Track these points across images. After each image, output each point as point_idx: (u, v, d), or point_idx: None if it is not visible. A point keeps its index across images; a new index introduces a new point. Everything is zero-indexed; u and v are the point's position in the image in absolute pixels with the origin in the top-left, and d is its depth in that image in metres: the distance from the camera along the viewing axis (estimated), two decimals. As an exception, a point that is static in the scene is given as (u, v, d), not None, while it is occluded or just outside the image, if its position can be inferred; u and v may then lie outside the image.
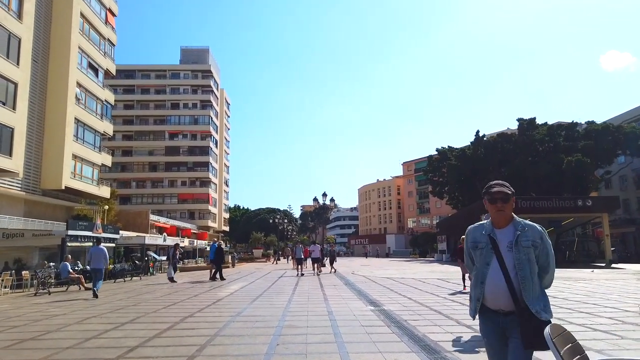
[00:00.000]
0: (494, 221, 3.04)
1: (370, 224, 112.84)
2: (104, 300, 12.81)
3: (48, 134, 33.91)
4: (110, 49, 43.12)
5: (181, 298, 13.10)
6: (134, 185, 78.28)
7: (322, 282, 18.50)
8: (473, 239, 3.11)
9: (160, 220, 60.96)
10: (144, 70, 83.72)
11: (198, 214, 78.83)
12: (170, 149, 79.49)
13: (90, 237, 26.46)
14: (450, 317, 9.00)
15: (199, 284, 19.26)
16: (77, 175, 36.14)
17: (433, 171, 60.04)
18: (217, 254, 21.51)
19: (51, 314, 10.13)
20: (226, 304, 11.69)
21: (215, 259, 21.57)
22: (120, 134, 78.88)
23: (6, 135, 28.04)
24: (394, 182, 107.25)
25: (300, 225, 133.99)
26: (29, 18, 30.43)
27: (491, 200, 3.03)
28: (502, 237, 2.95)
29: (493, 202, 3.01)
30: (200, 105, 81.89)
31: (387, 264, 40.99)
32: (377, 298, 12.47)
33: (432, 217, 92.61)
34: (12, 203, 31.57)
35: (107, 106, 42.35)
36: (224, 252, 22.19)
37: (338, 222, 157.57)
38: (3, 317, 9.75)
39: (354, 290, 15.11)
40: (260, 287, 16.41)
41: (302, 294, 13.93)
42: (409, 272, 25.37)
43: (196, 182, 79.05)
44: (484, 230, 3.06)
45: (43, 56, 33.74)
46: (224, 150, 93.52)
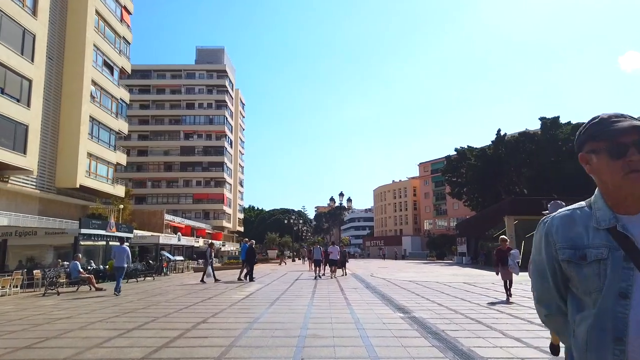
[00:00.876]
0: (619, 199, 1.43)
1: (385, 226, 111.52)
2: (113, 302, 12.10)
3: (63, 132, 33.63)
4: (125, 47, 42.83)
5: (194, 300, 12.32)
6: (149, 185, 78.30)
7: (342, 285, 17.60)
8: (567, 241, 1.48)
9: (175, 220, 60.69)
10: (159, 70, 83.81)
11: (213, 214, 78.51)
12: (185, 148, 79.35)
13: (104, 236, 25.98)
14: (493, 327, 8.04)
15: (214, 284, 18.51)
16: (92, 174, 35.81)
17: (451, 171, 58.70)
18: (249, 254, 20.95)
19: (54, 317, 9.42)
20: (242, 307, 10.87)
21: (247, 259, 20.96)
22: (136, 134, 79.03)
23: (20, 133, 27.72)
24: (410, 183, 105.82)
25: (315, 227, 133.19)
26: (43, 14, 30.13)
27: (616, 150, 1.40)
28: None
29: (620, 154, 1.39)
30: (215, 105, 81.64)
31: (405, 266, 39.89)
32: (404, 303, 11.53)
33: (449, 219, 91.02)
34: (27, 201, 31.30)
35: (122, 105, 42.03)
36: (255, 251, 21.41)
37: (352, 224, 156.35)
38: (2, 321, 9.06)
39: (376, 294, 14.18)
40: (277, 290, 15.58)
41: (322, 298, 13.05)
42: (430, 275, 24.33)
43: (211, 182, 78.77)
44: (594, 222, 1.45)
45: (58, 54, 33.48)
46: (239, 151, 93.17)
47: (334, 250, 23.23)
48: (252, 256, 21.07)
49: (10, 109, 26.62)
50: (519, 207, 35.74)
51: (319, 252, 24.00)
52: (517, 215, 34.81)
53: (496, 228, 39.30)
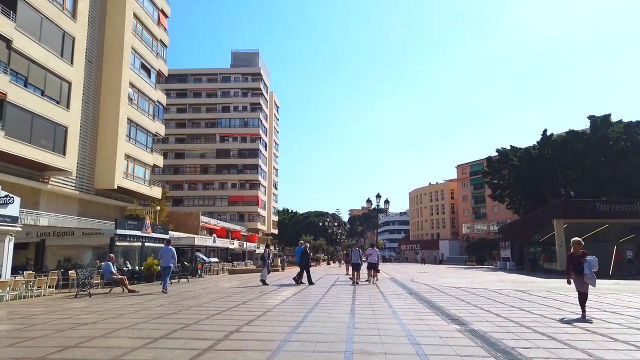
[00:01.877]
0: None
1: (421, 229, 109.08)
2: (143, 306, 11.49)
3: (102, 134, 33.96)
4: (162, 50, 43.15)
5: (228, 305, 11.56)
6: (186, 187, 79.25)
7: (383, 291, 16.51)
8: None
9: (211, 221, 60.91)
10: (196, 74, 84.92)
11: (247, 216, 78.67)
12: (220, 151, 79.95)
13: (139, 237, 25.82)
14: (572, 345, 6.84)
15: (248, 288, 17.78)
16: (129, 175, 36.05)
17: (492, 173, 56.36)
18: (304, 257, 20.23)
19: (79, 322, 8.82)
20: (278, 314, 10.00)
21: (302, 262, 20.25)
22: (174, 137, 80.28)
23: (60, 134, 27.99)
24: (447, 185, 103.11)
25: (349, 230, 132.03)
26: (82, 17, 30.45)
27: None
28: None
29: None
30: (250, 108, 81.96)
31: (445, 271, 38.28)
32: (457, 313, 10.38)
33: (489, 223, 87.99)
34: (67, 202, 31.68)
35: (159, 107, 42.29)
36: (309, 254, 20.60)
37: (387, 227, 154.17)
38: (25, 325, 8.54)
39: (423, 301, 13.05)
40: (314, 295, 14.68)
41: (364, 304, 12.04)
42: (475, 281, 22.86)
43: (246, 184, 78.99)
44: None
45: (97, 56, 33.86)
46: (273, 153, 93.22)
47: (373, 253, 21.38)
48: (307, 259, 20.42)
49: (50, 111, 26.91)
50: (570, 210, 33.58)
51: (357, 255, 21.58)
52: (568, 218, 32.69)
53: (543, 232, 37.17)
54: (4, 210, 16.23)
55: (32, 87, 25.69)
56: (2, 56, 23.37)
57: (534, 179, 48.60)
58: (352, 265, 21.53)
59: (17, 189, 27.03)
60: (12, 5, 23.92)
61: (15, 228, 16.76)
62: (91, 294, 14.48)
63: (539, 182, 48.72)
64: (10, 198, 16.43)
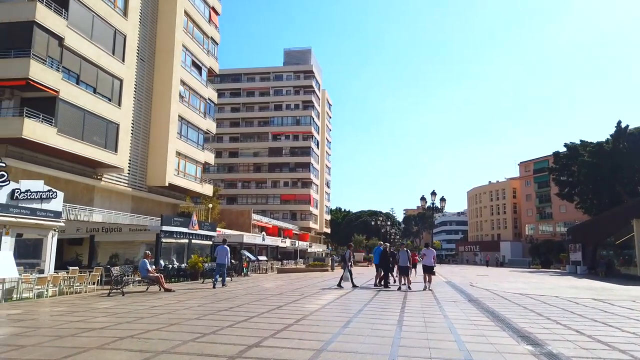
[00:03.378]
0: None
1: (481, 230, 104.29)
2: (168, 309, 10.61)
3: (154, 132, 34.19)
4: (213, 48, 43.18)
5: (260, 310, 10.44)
6: (239, 185, 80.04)
7: (438, 297, 14.82)
8: None
9: (263, 220, 60.85)
10: (249, 74, 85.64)
11: (300, 214, 78.27)
12: (273, 150, 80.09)
13: (186, 233, 25.44)
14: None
15: (290, 289, 16.65)
16: (180, 173, 36.16)
17: (559, 170, 52.33)
18: (383, 258, 18.78)
19: (88, 327, 7.99)
20: (312, 324, 8.71)
21: (381, 263, 18.77)
22: (227, 136, 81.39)
23: (112, 132, 28.25)
24: (508, 184, 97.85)
25: (404, 230, 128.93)
26: (134, 15, 30.70)
27: None
28: None
29: None
30: (302, 106, 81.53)
31: (507, 274, 35.50)
32: (527, 328, 8.65)
33: (555, 223, 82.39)
34: (120, 199, 32.12)
35: (210, 104, 42.30)
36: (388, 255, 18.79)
37: (444, 227, 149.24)
38: (32, 328, 7.80)
39: (484, 311, 11.32)
40: (358, 300, 13.28)
41: (415, 313, 10.51)
42: (544, 287, 20.49)
43: (298, 183, 78.62)
44: None
45: (149, 55, 34.12)
46: (326, 152, 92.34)
47: (428, 254, 18.49)
48: (386, 260, 18.72)
49: (102, 108, 27.18)
50: (653, 209, 29.98)
51: (405, 257, 18.43)
52: (651, 218, 29.17)
53: (619, 233, 33.57)
54: (47, 205, 16.04)
55: (84, 85, 25.98)
56: (54, 54, 23.68)
57: (607, 176, 44.41)
58: (400, 268, 18.65)
59: (72, 186, 27.62)
60: (64, 3, 24.22)
61: (58, 223, 16.56)
62: (124, 293, 13.88)
63: (613, 179, 44.46)
64: (53, 193, 16.23)
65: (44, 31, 22.79)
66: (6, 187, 14.41)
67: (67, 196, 27.07)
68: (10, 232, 14.60)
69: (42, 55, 22.71)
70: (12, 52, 22.04)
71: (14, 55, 21.98)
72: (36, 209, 15.52)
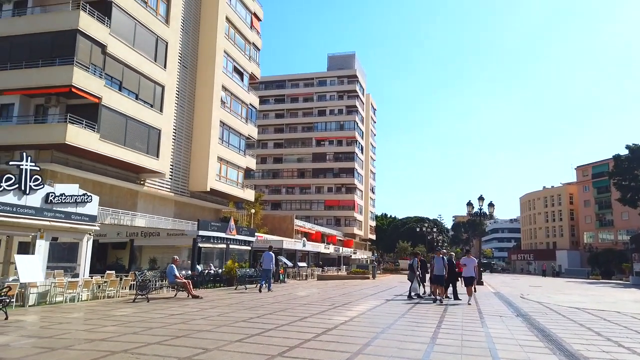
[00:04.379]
0: None
1: (534, 237, 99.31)
2: (184, 318, 10.10)
3: (196, 137, 34.50)
4: (255, 53, 43.33)
5: (280, 322, 9.70)
6: (283, 191, 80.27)
7: (483, 310, 13.56)
8: None
9: (306, 225, 60.43)
10: (293, 80, 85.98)
11: (344, 220, 77.38)
12: (317, 155, 79.81)
13: (224, 238, 25.27)
14: None
15: (322, 298, 15.85)
16: (222, 178, 36.28)
17: (621, 174, 48.73)
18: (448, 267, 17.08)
19: (96, 337, 7.59)
20: (332, 339, 7.88)
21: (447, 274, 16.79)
22: (272, 142, 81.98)
23: (153, 137, 28.61)
24: (564, 189, 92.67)
25: (452, 237, 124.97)
26: (175, 22, 31.11)
27: None
28: None
29: None
30: (346, 111, 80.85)
31: (563, 285, 33.05)
32: (582, 351, 7.44)
33: (617, 231, 76.98)
34: (163, 204, 32.54)
35: (251, 110, 42.41)
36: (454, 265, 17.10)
37: (495, 235, 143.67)
38: (30, 336, 7.42)
39: (533, 328, 10.07)
40: (392, 312, 12.29)
41: (452, 330, 9.44)
42: (604, 301, 18.59)
43: (342, 188, 77.82)
44: None
45: (192, 61, 34.53)
46: (370, 157, 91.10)
47: (469, 264, 16.14)
48: (453, 271, 16.95)
49: (144, 114, 27.58)
50: None
51: (441, 264, 16.22)
52: None
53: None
54: (82, 208, 16.10)
55: (127, 91, 26.43)
56: (97, 61, 24.18)
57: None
58: (435, 278, 16.42)
59: (116, 191, 28.18)
60: (107, 11, 24.73)
61: (93, 227, 16.60)
62: (149, 299, 13.57)
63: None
64: (88, 197, 16.29)
65: (87, 39, 23.31)
66: (41, 191, 14.52)
67: (111, 201, 27.75)
68: (45, 235, 14.70)
69: (85, 62, 23.22)
70: (57, 60, 22.68)
71: (58, 63, 22.60)
72: (71, 213, 15.59)
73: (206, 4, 35.95)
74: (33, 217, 14.08)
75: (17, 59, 23.16)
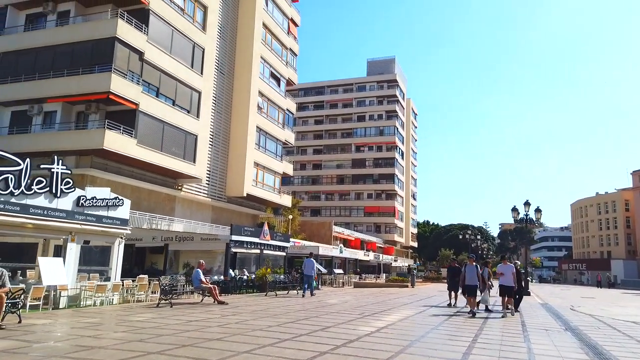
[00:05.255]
0: None
1: (587, 246, 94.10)
2: (204, 324, 9.70)
3: (233, 143, 34.60)
4: (292, 59, 43.26)
5: (299, 331, 9.05)
6: (323, 197, 79.89)
7: (526, 321, 12.45)
8: None
9: (345, 232, 59.69)
10: (332, 86, 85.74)
11: (384, 227, 76.05)
12: (356, 161, 79.04)
13: (257, 244, 25.00)
14: None
15: (352, 307, 15.08)
16: (258, 183, 36.21)
17: (684, 178, 45.10)
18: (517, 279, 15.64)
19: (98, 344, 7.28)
20: (350, 352, 7.17)
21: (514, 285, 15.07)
22: (311, 148, 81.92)
23: (190, 143, 28.82)
24: (620, 195, 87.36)
25: (499, 245, 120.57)
26: (212, 29, 31.37)
27: None
28: None
29: None
30: (386, 116, 79.73)
31: (619, 297, 30.70)
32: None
33: (680, 241, 71.68)
34: (201, 209, 32.77)
35: (288, 115, 42.29)
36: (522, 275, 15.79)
37: (545, 243, 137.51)
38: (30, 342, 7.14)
39: (583, 344, 8.99)
40: (424, 323, 11.42)
41: (489, 346, 8.51)
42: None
43: (382, 194, 76.60)
44: None
45: (229, 67, 34.76)
46: (411, 162, 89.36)
47: (506, 272, 14.23)
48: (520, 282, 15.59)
49: (180, 120, 27.84)
50: None
51: (473, 272, 14.54)
52: None
53: None
54: (113, 212, 16.14)
55: (164, 97, 26.76)
56: (135, 68, 24.59)
57: None
58: (466, 288, 14.58)
59: (154, 196, 28.55)
60: (145, 19, 25.16)
61: (124, 231, 16.62)
62: (172, 304, 13.29)
63: None
64: (119, 200, 16.32)
65: (125, 46, 23.73)
66: (72, 194, 14.60)
67: (150, 206, 28.11)
68: (76, 239, 14.78)
69: (123, 69, 23.64)
70: (96, 67, 23.20)
71: (97, 70, 23.11)
72: (102, 216, 15.64)
73: (243, 11, 36.17)
74: (64, 220, 14.15)
75: (59, 68, 23.88)
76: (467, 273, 14.68)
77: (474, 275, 14.48)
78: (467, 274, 14.64)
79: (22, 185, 12.88)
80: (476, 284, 14.41)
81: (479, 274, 14.66)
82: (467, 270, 14.80)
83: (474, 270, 14.62)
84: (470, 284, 14.39)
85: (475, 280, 14.42)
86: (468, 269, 14.76)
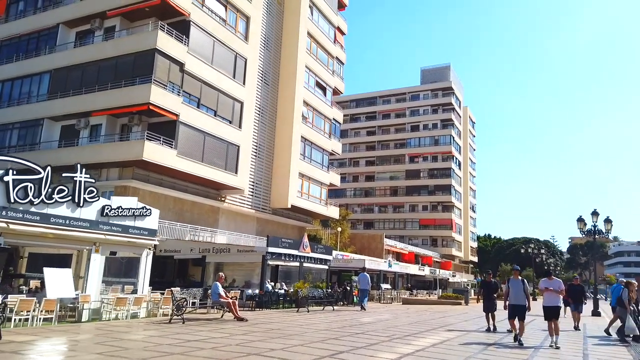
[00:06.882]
0: None
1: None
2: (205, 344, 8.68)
3: (277, 153, 34.08)
4: (339, 68, 42.44)
5: (303, 357, 7.80)
6: (376, 210, 78.02)
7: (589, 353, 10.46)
8: None
9: (397, 245, 57.49)
10: (384, 96, 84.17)
11: (441, 241, 72.89)
12: (410, 172, 76.65)
13: (297, 256, 23.97)
14: None
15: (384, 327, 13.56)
16: (304, 194, 35.36)
17: None
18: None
19: None
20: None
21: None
22: (364, 160, 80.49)
23: (232, 153, 28.50)
24: None
25: (568, 260, 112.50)
26: (255, 39, 31.10)
27: None
28: None
29: None
30: (441, 125, 76.89)
31: None
32: None
33: None
34: (245, 220, 32.36)
35: (335, 125, 41.34)
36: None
37: (620, 258, 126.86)
38: None
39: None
40: (460, 351, 9.75)
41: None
42: None
43: (438, 206, 73.60)
44: None
45: (273, 77, 34.42)
46: (469, 173, 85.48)
47: (553, 287, 11.40)
48: (622, 302, 12.99)
49: (222, 130, 27.60)
50: None
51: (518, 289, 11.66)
52: None
53: None
54: (141, 222, 15.73)
55: (205, 108, 26.64)
56: (175, 79, 24.63)
57: None
58: (512, 309, 11.67)
59: (197, 207, 28.42)
60: (185, 30, 25.23)
61: (152, 242, 16.17)
62: (184, 320, 12.43)
63: None
64: (147, 210, 15.91)
65: (165, 58, 23.82)
66: (96, 203, 14.28)
67: (193, 217, 27.96)
68: (100, 249, 14.43)
69: (164, 80, 23.70)
70: (137, 79, 23.41)
71: (138, 82, 23.29)
72: (129, 226, 15.25)
73: (287, 20, 35.85)
74: (87, 230, 13.82)
75: (104, 81, 24.34)
76: (511, 289, 11.71)
77: (520, 292, 11.55)
78: (512, 290, 11.69)
79: (43, 194, 12.67)
80: (524, 304, 11.41)
81: (526, 291, 11.66)
82: (511, 285, 11.76)
83: (520, 286, 11.62)
84: (516, 303, 11.48)
85: (523, 298, 11.45)
86: (513, 284, 11.74)
